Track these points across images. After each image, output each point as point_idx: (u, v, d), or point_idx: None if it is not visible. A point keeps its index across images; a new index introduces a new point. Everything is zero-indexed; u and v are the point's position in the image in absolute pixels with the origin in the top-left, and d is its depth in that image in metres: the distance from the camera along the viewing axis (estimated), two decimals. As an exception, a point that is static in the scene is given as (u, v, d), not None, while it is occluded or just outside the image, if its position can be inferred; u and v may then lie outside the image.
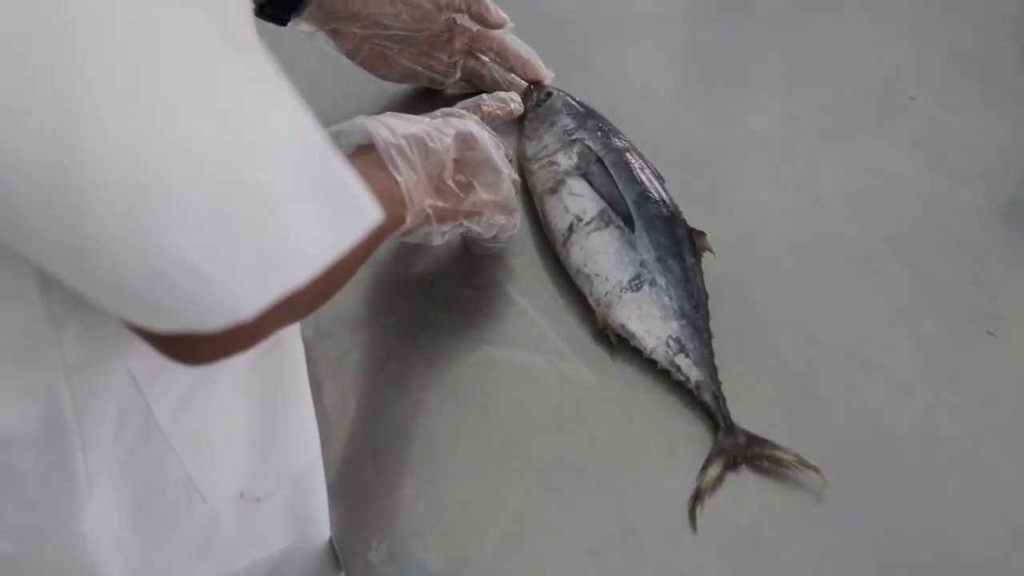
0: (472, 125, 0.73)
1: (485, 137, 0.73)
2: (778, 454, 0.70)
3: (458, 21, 0.89)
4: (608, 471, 0.71)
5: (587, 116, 0.86)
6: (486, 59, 0.92)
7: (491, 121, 0.79)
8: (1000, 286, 0.83)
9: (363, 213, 0.42)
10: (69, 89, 0.35)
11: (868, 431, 0.73)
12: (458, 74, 0.91)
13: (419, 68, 0.90)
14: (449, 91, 0.93)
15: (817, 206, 0.88)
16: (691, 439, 0.72)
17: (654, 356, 0.75)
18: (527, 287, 0.81)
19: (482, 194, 0.72)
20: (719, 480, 0.70)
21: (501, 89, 0.92)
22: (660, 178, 0.82)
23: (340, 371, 0.76)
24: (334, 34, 0.86)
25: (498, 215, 0.74)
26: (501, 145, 0.75)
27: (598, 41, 1.01)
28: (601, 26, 1.03)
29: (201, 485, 0.60)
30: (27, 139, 0.35)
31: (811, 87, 0.98)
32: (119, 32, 0.35)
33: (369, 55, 0.88)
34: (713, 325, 0.76)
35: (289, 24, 0.83)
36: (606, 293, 0.76)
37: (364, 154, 0.67)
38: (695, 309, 0.75)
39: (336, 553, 0.71)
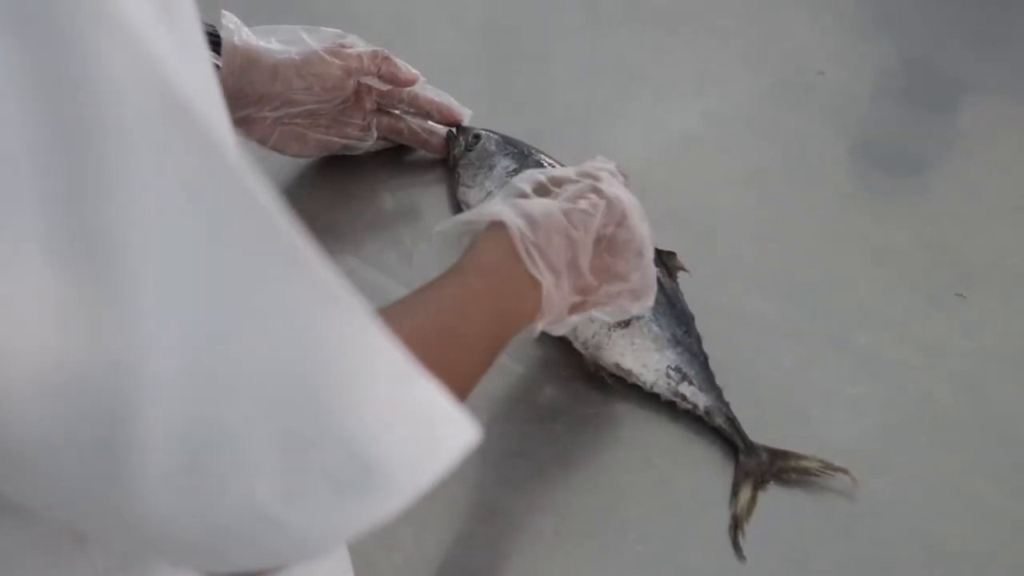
0: (622, 195, 0.64)
1: (635, 211, 0.64)
2: (803, 463, 0.69)
3: (363, 82, 0.85)
4: (645, 517, 0.68)
5: (524, 152, 0.83)
6: (398, 111, 0.88)
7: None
8: (955, 245, 0.84)
9: (458, 435, 0.36)
10: (126, 355, 0.28)
11: (881, 416, 0.73)
12: (375, 134, 0.87)
13: (332, 138, 0.85)
14: (364, 152, 0.89)
15: (765, 198, 0.88)
16: (714, 464, 0.71)
17: (655, 390, 0.72)
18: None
19: (619, 283, 0.64)
20: (752, 502, 0.68)
21: (421, 140, 0.89)
22: (613, 204, 0.80)
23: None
24: (243, 122, 0.80)
25: (631, 304, 0.66)
26: (646, 216, 0.66)
27: (500, 71, 0.99)
28: (501, 55, 1.00)
29: None
30: (76, 415, 0.29)
31: (724, 79, 0.97)
32: (182, 271, 0.29)
33: (281, 137, 0.82)
34: (702, 344, 0.75)
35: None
36: (593, 335, 0.73)
37: (496, 235, 0.59)
38: (687, 333, 0.74)
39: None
